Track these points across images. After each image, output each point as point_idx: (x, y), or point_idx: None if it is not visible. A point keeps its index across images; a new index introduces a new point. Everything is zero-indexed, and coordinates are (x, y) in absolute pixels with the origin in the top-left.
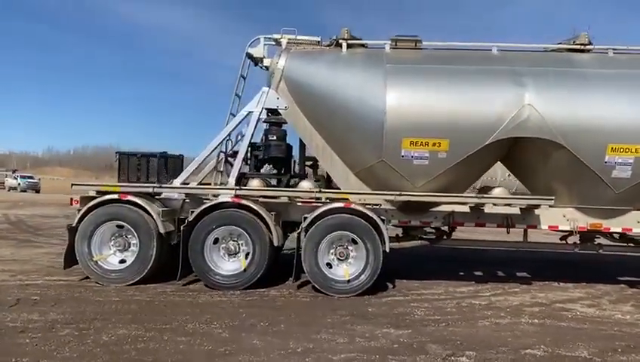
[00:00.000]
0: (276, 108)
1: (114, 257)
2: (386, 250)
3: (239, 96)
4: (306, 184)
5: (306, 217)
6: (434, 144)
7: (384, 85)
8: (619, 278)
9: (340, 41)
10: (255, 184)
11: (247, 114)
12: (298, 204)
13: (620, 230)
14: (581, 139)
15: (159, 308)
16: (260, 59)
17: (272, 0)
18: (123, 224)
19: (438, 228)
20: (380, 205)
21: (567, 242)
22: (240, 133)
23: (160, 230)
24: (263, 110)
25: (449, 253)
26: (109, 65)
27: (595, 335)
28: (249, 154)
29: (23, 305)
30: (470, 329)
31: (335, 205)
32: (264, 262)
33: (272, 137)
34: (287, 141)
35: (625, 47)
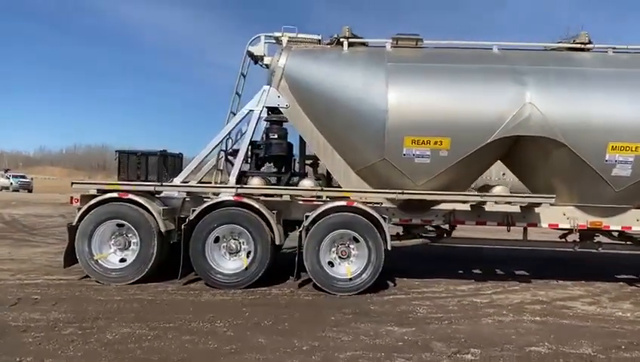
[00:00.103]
0: (277, 107)
1: (114, 256)
2: (388, 248)
3: (239, 95)
4: (307, 182)
5: (308, 215)
6: (435, 142)
7: (386, 84)
8: (617, 276)
9: (341, 40)
10: (256, 182)
11: (248, 112)
12: (299, 202)
13: (620, 228)
14: (582, 137)
15: (162, 307)
16: (261, 57)
17: (272, 0)
18: (123, 223)
19: (438, 226)
20: (382, 203)
21: (567, 240)
22: (240, 132)
23: (161, 229)
24: (263, 108)
25: (447, 251)
26: (101, 64)
27: (598, 332)
28: (249, 152)
29: (23, 304)
30: (473, 327)
31: (337, 203)
32: (266, 261)
33: (273, 136)
34: (288, 139)
35: (625, 47)
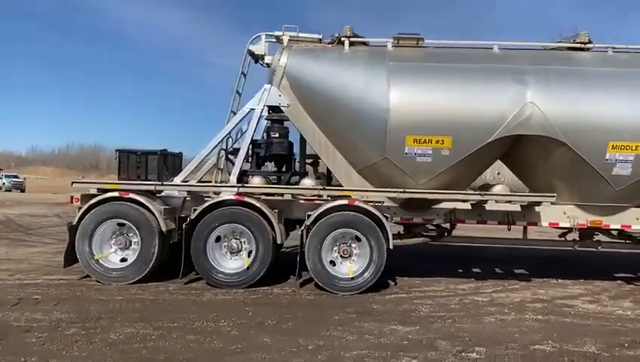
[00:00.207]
0: (278, 106)
1: (115, 255)
2: (390, 247)
3: (240, 94)
4: (309, 181)
5: (310, 215)
6: (437, 141)
7: (387, 83)
8: (615, 275)
9: (342, 39)
10: (257, 181)
11: (249, 111)
12: (300, 201)
13: (619, 227)
14: (582, 136)
15: (164, 307)
16: (261, 56)
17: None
18: (124, 222)
19: (439, 225)
20: (383, 202)
21: (567, 239)
22: (240, 131)
23: (162, 228)
24: (264, 107)
25: (446, 250)
26: (97, 63)
27: (600, 330)
28: (250, 151)
29: (24, 304)
30: (477, 326)
31: (339, 202)
32: (267, 260)
33: (274, 134)
34: (288, 138)
35: (624, 46)
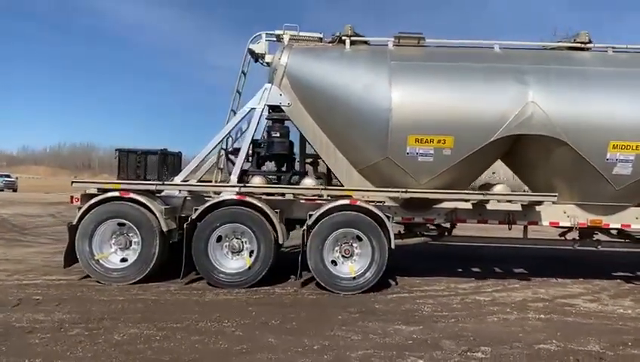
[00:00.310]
0: (279, 105)
1: (115, 256)
2: (392, 246)
3: (240, 93)
4: (309, 181)
5: (311, 214)
6: (439, 141)
7: (389, 82)
8: (613, 274)
9: (343, 38)
10: (257, 181)
11: (250, 110)
12: (301, 201)
13: (619, 226)
14: (583, 136)
15: (166, 307)
16: (262, 55)
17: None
18: (124, 222)
19: (439, 224)
20: (384, 202)
21: (566, 238)
22: (240, 130)
23: (163, 228)
24: (265, 107)
25: (446, 249)
26: (93, 62)
27: (603, 329)
28: (251, 150)
29: (25, 305)
30: (480, 325)
31: (340, 202)
32: (269, 260)
33: (275, 134)
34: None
35: (624, 46)
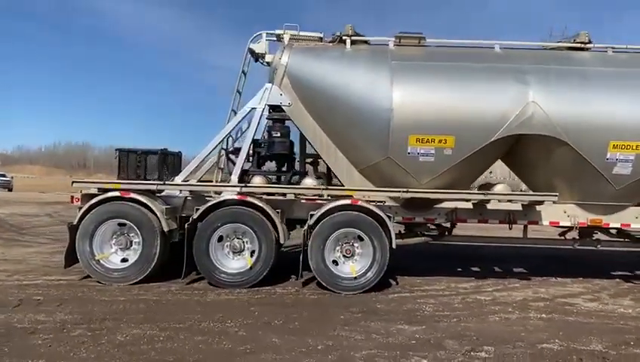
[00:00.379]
0: (279, 105)
1: (115, 256)
2: (393, 246)
3: (240, 93)
4: (310, 181)
5: (313, 214)
6: (440, 141)
7: (390, 82)
8: (612, 273)
9: (344, 38)
10: (258, 181)
11: (250, 110)
12: (302, 201)
13: (619, 225)
14: (584, 136)
15: (168, 308)
16: (262, 55)
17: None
18: (125, 222)
19: (439, 224)
20: (385, 202)
21: (566, 238)
22: (240, 130)
23: (163, 228)
24: (265, 106)
25: (445, 248)
26: (87, 62)
27: (604, 328)
28: (251, 150)
29: (26, 305)
30: (482, 325)
31: (341, 202)
32: (270, 260)
33: (276, 134)
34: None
35: (624, 46)
